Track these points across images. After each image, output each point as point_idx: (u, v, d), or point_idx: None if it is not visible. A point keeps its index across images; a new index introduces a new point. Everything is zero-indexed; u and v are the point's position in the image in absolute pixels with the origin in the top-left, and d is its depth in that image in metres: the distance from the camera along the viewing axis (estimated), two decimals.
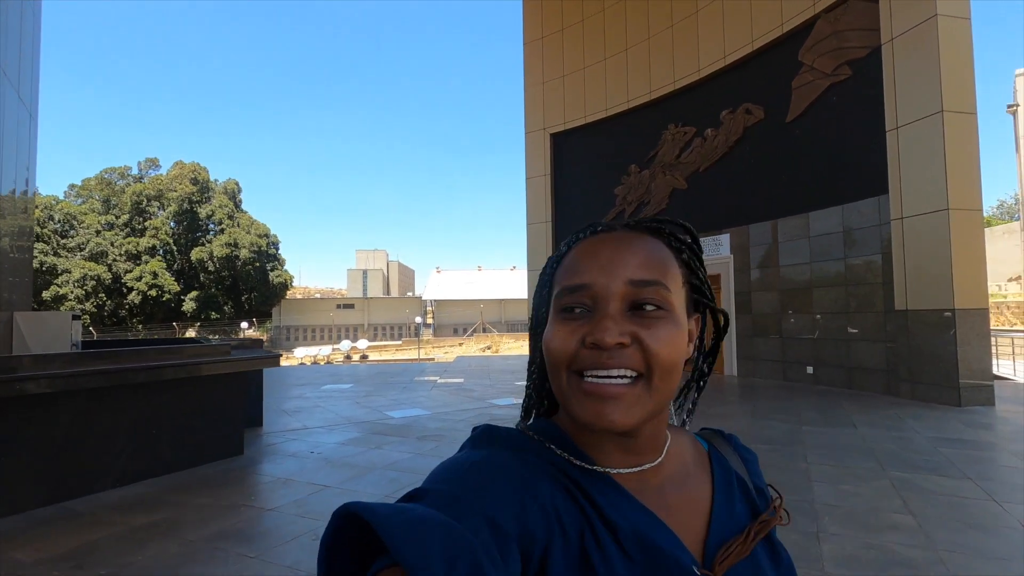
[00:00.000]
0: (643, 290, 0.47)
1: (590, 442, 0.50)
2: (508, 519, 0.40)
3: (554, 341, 0.48)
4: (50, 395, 3.33)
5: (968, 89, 6.82)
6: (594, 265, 0.49)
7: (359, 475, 3.97)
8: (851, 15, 8.09)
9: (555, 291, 0.51)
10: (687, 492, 0.52)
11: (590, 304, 0.48)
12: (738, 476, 0.57)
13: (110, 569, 2.49)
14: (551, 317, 0.51)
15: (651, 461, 0.51)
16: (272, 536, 2.89)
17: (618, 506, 0.47)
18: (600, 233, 0.52)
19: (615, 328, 0.46)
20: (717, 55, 10.33)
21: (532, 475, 0.45)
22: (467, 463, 0.45)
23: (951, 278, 6.58)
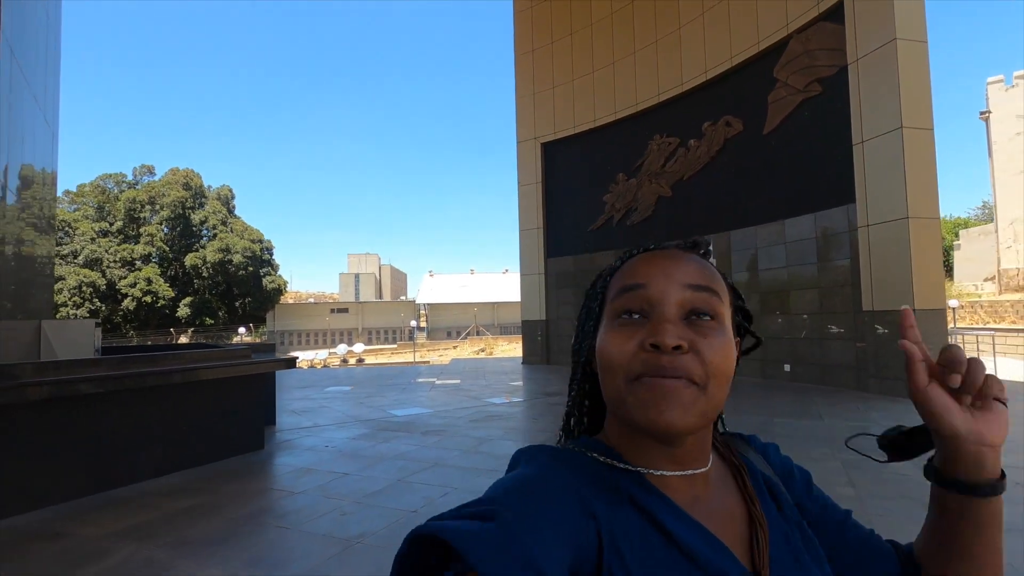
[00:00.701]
0: (699, 295, 0.49)
1: (636, 452, 0.51)
2: (566, 536, 0.41)
3: (611, 345, 0.49)
4: (99, 394, 3.76)
5: (925, 106, 7.40)
6: (652, 268, 0.50)
7: (372, 464, 4.42)
8: (820, 36, 8.66)
9: (610, 296, 0.52)
10: (727, 499, 0.53)
11: (647, 309, 0.49)
12: (764, 476, 0.58)
13: (170, 539, 2.93)
14: (605, 324, 0.52)
15: (699, 467, 0.51)
16: (304, 513, 3.34)
17: (669, 516, 0.47)
18: (654, 250, 0.54)
19: (674, 330, 0.46)
20: (699, 70, 10.89)
21: (587, 489, 0.46)
22: (524, 480, 0.45)
23: (911, 281, 7.14)
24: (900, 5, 7.37)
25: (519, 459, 0.51)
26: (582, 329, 0.56)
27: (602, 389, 0.51)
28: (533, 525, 0.39)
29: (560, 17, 13.94)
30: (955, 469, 0.50)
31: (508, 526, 0.38)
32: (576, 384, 0.58)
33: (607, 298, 0.53)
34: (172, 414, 4.26)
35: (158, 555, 2.74)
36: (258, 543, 2.92)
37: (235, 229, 38.04)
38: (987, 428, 0.47)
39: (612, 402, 0.50)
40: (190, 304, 35.11)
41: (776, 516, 0.54)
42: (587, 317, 0.55)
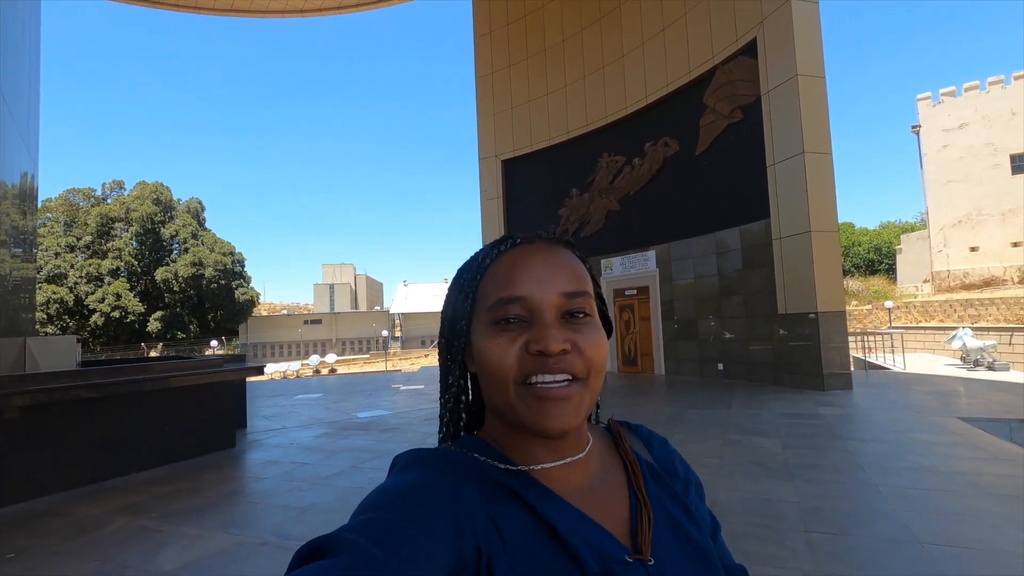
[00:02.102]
0: (574, 300, 0.51)
1: (518, 449, 0.52)
2: (443, 543, 0.41)
3: (494, 351, 0.49)
4: (94, 399, 4.40)
5: (824, 133, 8.44)
6: (529, 277, 0.50)
7: (331, 456, 5.13)
8: (740, 68, 9.69)
9: (487, 302, 0.51)
10: (609, 485, 0.55)
11: (526, 315, 0.50)
12: (646, 461, 0.60)
13: (157, 513, 3.61)
14: (481, 329, 0.51)
15: (575, 454, 0.53)
16: (268, 492, 4.04)
17: (549, 506, 0.48)
18: (521, 245, 0.54)
19: (559, 335, 0.48)
20: (640, 95, 11.88)
21: (464, 497, 0.46)
22: (398, 489, 0.45)
23: (814, 287, 8.14)
24: (800, 45, 8.41)
25: (395, 465, 0.51)
26: (451, 327, 0.56)
27: (484, 392, 0.52)
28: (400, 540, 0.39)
29: (517, 42, 14.84)
30: None
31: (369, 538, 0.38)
32: (453, 383, 0.57)
33: (479, 301, 0.53)
34: (155, 416, 4.90)
35: (148, 523, 3.43)
36: (231, 513, 3.63)
37: (206, 242, 37.99)
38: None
39: (499, 406, 0.51)
40: (161, 318, 34.93)
41: (657, 496, 0.56)
42: (457, 315, 0.55)
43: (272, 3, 17.36)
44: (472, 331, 0.53)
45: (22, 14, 7.25)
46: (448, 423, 0.58)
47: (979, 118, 21.56)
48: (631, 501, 0.54)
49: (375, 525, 0.40)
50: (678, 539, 0.53)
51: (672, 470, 0.62)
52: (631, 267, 12.23)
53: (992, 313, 17.30)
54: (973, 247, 21.48)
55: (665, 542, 0.52)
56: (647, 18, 11.71)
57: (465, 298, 0.54)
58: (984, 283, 20.69)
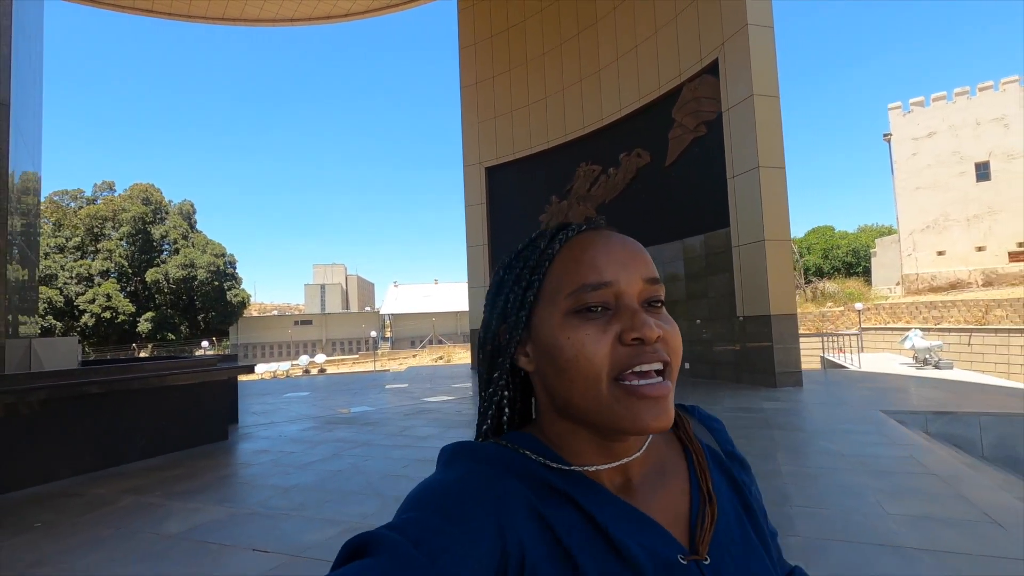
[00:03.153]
0: (655, 287, 0.49)
1: (570, 448, 0.50)
2: (485, 544, 0.41)
3: (584, 343, 0.46)
4: (99, 394, 4.91)
5: (777, 149, 9.09)
6: (612, 262, 0.48)
7: (315, 445, 5.67)
8: (704, 86, 10.33)
9: (563, 290, 0.48)
10: (668, 478, 0.53)
11: (612, 303, 0.47)
12: (708, 448, 0.57)
13: (162, 494, 4.14)
14: (557, 319, 0.48)
15: (632, 454, 0.51)
16: (258, 475, 4.58)
17: (603, 509, 0.46)
18: (587, 231, 0.52)
19: (652, 321, 0.46)
20: (615, 107, 12.50)
21: (509, 494, 0.45)
22: (441, 487, 0.45)
23: (767, 292, 8.78)
24: (756, 67, 9.05)
25: (441, 457, 0.50)
26: (504, 319, 0.52)
27: (561, 391, 0.48)
28: (442, 543, 0.39)
29: (500, 54, 15.42)
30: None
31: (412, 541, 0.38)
32: (500, 377, 0.53)
33: (548, 289, 0.49)
34: (154, 410, 5.41)
35: (153, 500, 3.96)
36: (225, 491, 4.17)
37: (197, 243, 38.24)
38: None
39: (586, 407, 0.47)
40: (151, 319, 35.16)
41: (726, 490, 0.54)
42: (513, 306, 0.51)
43: (263, 12, 17.83)
44: (536, 324, 0.50)
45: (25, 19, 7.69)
46: (491, 419, 0.55)
47: (946, 127, 22.46)
48: (692, 494, 0.52)
49: (416, 526, 0.40)
50: (742, 534, 0.51)
51: (732, 453, 0.60)
52: None
53: (954, 315, 18.12)
54: (940, 251, 22.38)
55: (727, 538, 0.50)
56: (621, 35, 12.33)
57: (528, 286, 0.51)
58: (950, 286, 21.57)
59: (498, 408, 0.55)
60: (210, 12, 17.59)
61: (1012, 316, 16.14)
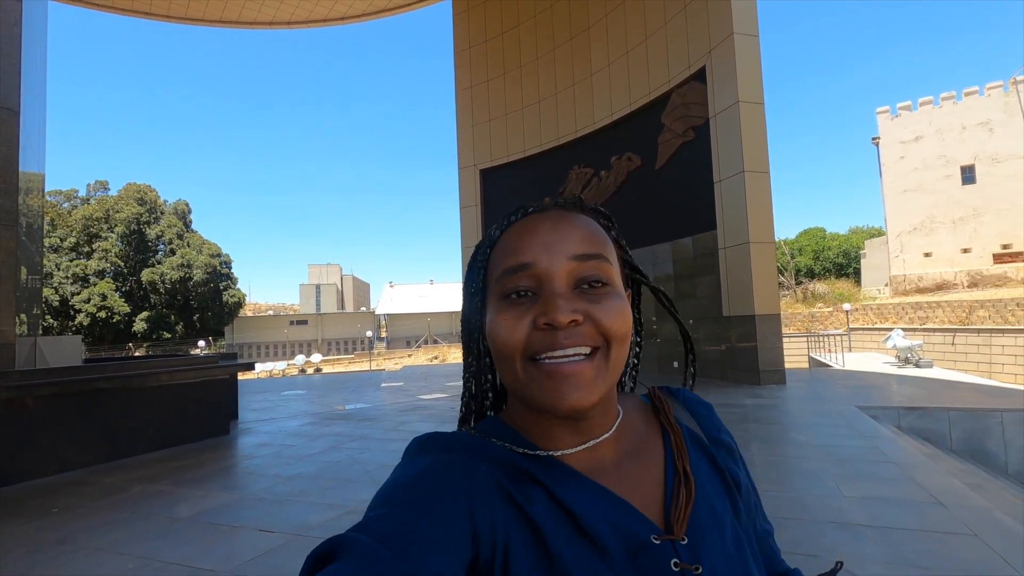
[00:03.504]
0: (586, 264, 0.47)
1: (539, 431, 0.50)
2: (456, 532, 0.40)
3: (501, 327, 0.46)
4: (109, 390, 5.15)
5: (763, 155, 9.39)
6: (535, 243, 0.47)
7: (315, 439, 5.92)
8: (693, 92, 10.62)
9: (495, 275, 0.49)
10: (643, 459, 0.52)
11: (534, 285, 0.47)
12: (689, 430, 0.56)
13: (171, 483, 4.38)
14: (492, 304, 0.49)
15: (601, 435, 0.50)
16: (262, 466, 4.83)
17: (574, 491, 0.46)
18: (532, 214, 0.52)
19: (567, 305, 0.45)
20: (607, 112, 12.79)
21: (479, 478, 0.45)
22: (408, 479, 0.44)
23: (752, 292, 9.08)
24: (742, 75, 9.35)
25: (409, 450, 0.50)
26: (469, 306, 0.54)
27: (497, 369, 0.50)
28: (410, 538, 0.38)
29: (494, 59, 15.69)
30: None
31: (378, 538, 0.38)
32: (472, 363, 0.55)
33: (490, 275, 0.50)
34: (160, 405, 5.65)
35: (163, 488, 4.20)
36: (230, 480, 4.42)
37: (192, 244, 38.31)
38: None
39: (511, 385, 0.48)
40: (146, 319, 35.22)
41: (707, 472, 0.53)
42: (472, 295, 0.53)
43: (260, 15, 18.02)
44: (486, 308, 0.51)
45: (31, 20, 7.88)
46: (467, 405, 0.56)
47: (933, 131, 22.88)
48: (667, 474, 0.51)
49: (383, 522, 0.40)
50: (719, 516, 0.50)
51: (717, 439, 0.59)
52: None
53: (939, 315, 18.50)
54: (927, 253, 22.81)
55: (705, 519, 0.49)
56: (613, 42, 12.62)
57: (476, 273, 0.52)
58: (936, 287, 21.99)
59: (475, 392, 0.56)
60: (208, 14, 17.76)
61: (994, 317, 16.54)
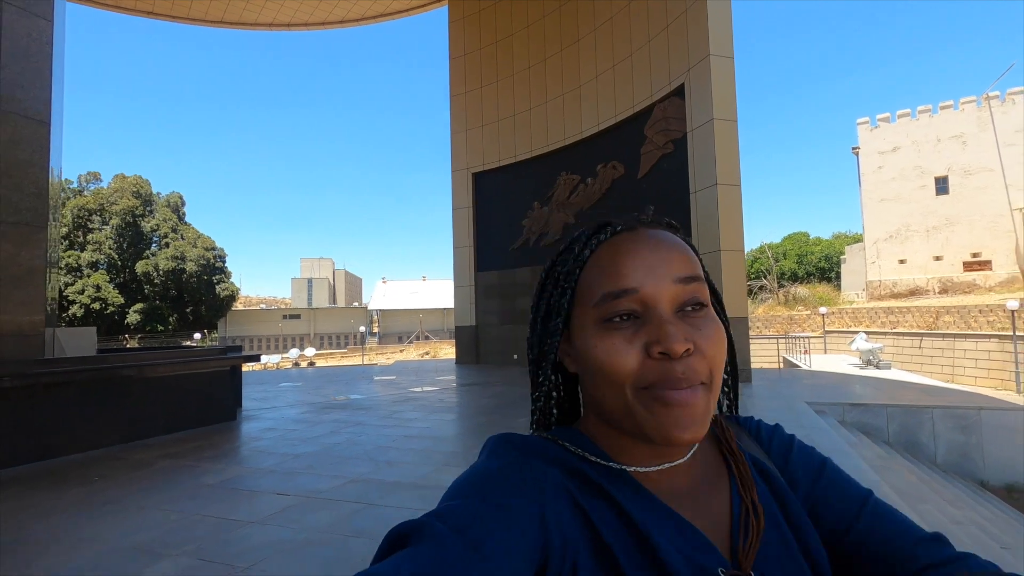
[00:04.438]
0: (689, 287, 0.47)
1: (616, 446, 0.50)
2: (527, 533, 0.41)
3: (611, 354, 0.46)
4: (132, 377, 5.73)
5: (735, 169, 10.07)
6: (639, 266, 0.47)
7: (314, 425, 6.53)
8: (673, 107, 11.29)
9: (592, 298, 0.49)
10: (712, 487, 0.52)
11: (639, 310, 0.46)
12: (755, 459, 0.56)
13: (193, 459, 4.98)
14: (589, 328, 0.49)
15: (678, 458, 0.50)
16: (271, 446, 5.43)
17: (641, 507, 0.46)
18: (622, 232, 0.51)
19: (679, 333, 0.45)
20: (594, 121, 13.44)
21: (551, 487, 0.45)
22: (484, 476, 0.45)
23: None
24: (716, 94, 10.02)
25: (485, 447, 0.51)
26: (544, 325, 0.53)
27: (591, 393, 0.50)
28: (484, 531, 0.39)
29: (488, 66, 16.29)
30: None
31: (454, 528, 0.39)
32: (544, 380, 0.54)
33: (581, 295, 0.50)
34: (174, 392, 6.24)
35: (186, 463, 4.81)
36: (243, 457, 5.03)
37: (187, 237, 38.60)
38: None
39: (612, 411, 0.48)
40: (140, 311, 35.52)
41: (769, 504, 0.51)
42: (551, 313, 0.52)
43: (261, 17, 18.48)
44: (573, 329, 0.51)
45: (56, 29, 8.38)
46: (539, 418, 0.56)
47: (910, 143, 23.77)
48: (733, 504, 0.51)
49: (460, 513, 0.41)
50: (788, 552, 0.48)
51: (787, 458, 0.57)
52: None
53: (908, 320, 19.36)
54: (902, 260, 23.72)
55: (773, 554, 0.48)
56: (600, 55, 13.27)
57: (563, 293, 0.51)
58: (910, 292, 22.90)
59: (544, 409, 0.56)
60: (209, 15, 18.20)
61: (959, 322, 17.40)
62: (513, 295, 15.28)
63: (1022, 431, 6.52)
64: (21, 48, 5.87)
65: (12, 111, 5.70)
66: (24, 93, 5.86)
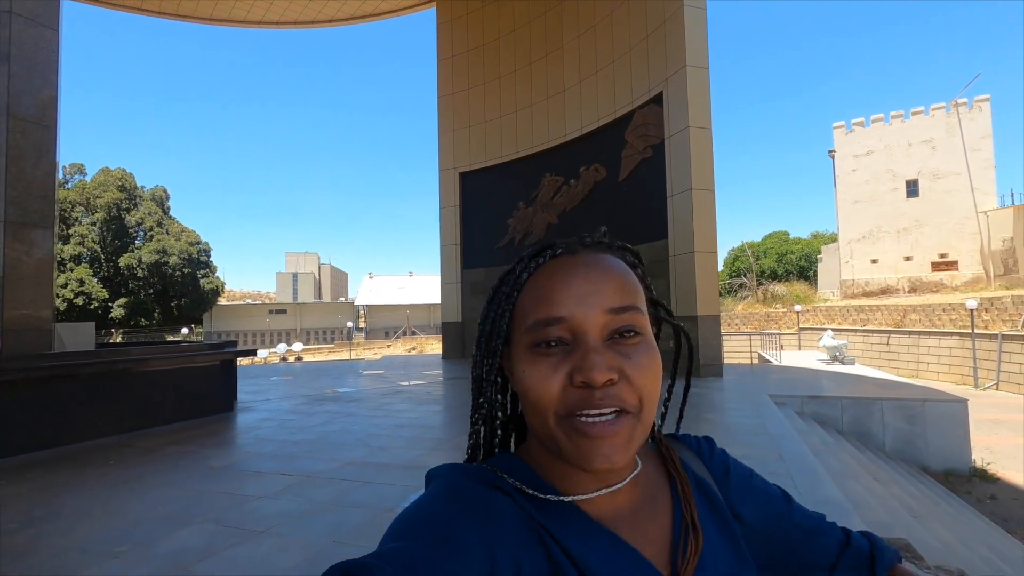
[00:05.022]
0: (620, 316, 0.47)
1: (558, 471, 0.50)
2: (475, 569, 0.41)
3: (534, 379, 0.47)
4: (135, 370, 6.09)
5: (709, 174, 10.61)
6: (569, 295, 0.47)
7: (309, 415, 6.93)
8: (651, 114, 11.80)
9: (525, 323, 0.49)
10: (655, 507, 0.53)
11: (567, 337, 0.47)
12: (697, 477, 0.57)
13: (197, 445, 5.37)
14: (520, 352, 0.49)
15: (619, 481, 0.50)
16: (270, 434, 5.84)
17: (586, 541, 0.46)
18: (562, 256, 0.51)
19: (603, 363, 0.45)
20: (577, 125, 13.91)
21: (498, 505, 0.46)
22: (425, 512, 0.45)
23: (695, 295, 10.32)
24: (692, 102, 10.54)
25: (429, 480, 0.51)
26: (487, 343, 0.53)
27: (527, 417, 0.50)
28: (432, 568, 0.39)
29: (475, 69, 16.66)
30: None
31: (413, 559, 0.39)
32: (485, 401, 0.54)
33: (517, 318, 0.51)
34: (176, 384, 6.60)
35: (192, 448, 5.20)
36: (245, 443, 5.44)
37: (171, 231, 38.42)
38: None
39: (541, 436, 0.49)
40: (124, 305, 35.35)
41: (709, 520, 0.53)
42: (492, 333, 0.53)
43: (250, 15, 18.63)
44: (512, 349, 0.51)
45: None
46: (475, 445, 0.56)
47: (883, 147, 24.64)
48: (675, 523, 0.52)
49: (404, 555, 0.40)
50: (729, 566, 0.51)
51: (725, 472, 0.60)
52: None
53: (877, 318, 20.20)
54: (874, 260, 24.63)
55: (712, 570, 0.50)
56: (583, 61, 13.73)
57: (501, 315, 0.52)
58: (881, 291, 23.81)
59: (486, 430, 0.56)
60: (198, 12, 18.31)
61: (924, 320, 18.22)
62: None
63: (961, 421, 7.15)
64: (29, 57, 6.17)
65: (22, 117, 6.01)
66: (32, 100, 6.17)
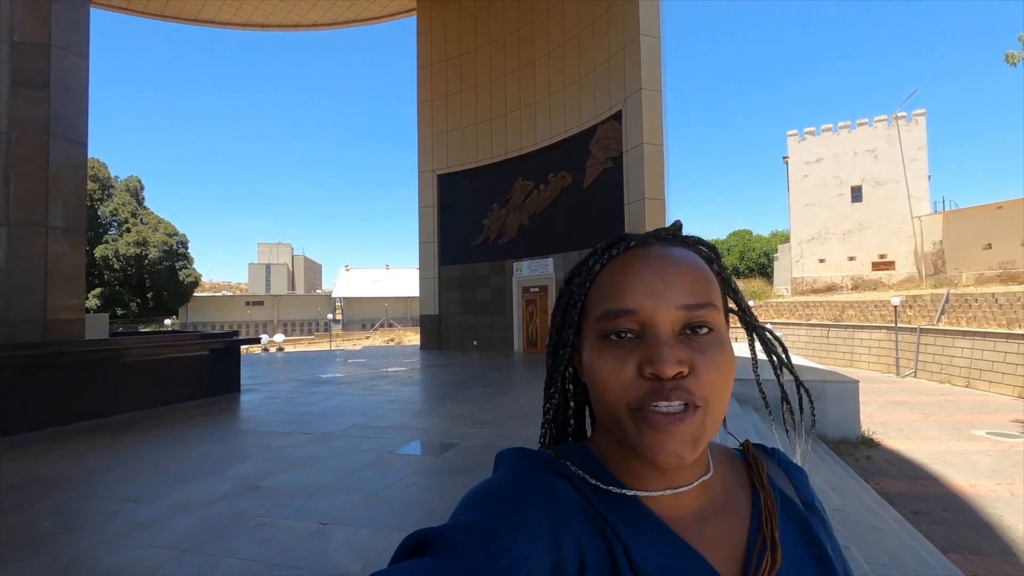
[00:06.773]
0: (692, 312, 0.47)
1: (625, 465, 0.50)
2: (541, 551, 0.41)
3: (603, 370, 0.47)
4: (162, 356, 7.14)
5: (660, 186, 11.98)
6: (640, 288, 0.47)
7: (309, 394, 8.06)
8: (612, 129, 13.11)
9: (594, 313, 0.49)
10: (728, 516, 0.51)
11: (637, 329, 0.47)
12: (783, 494, 0.55)
13: (223, 415, 6.47)
14: (590, 342, 0.49)
15: (688, 483, 0.50)
16: (281, 408, 6.96)
17: (646, 538, 0.46)
18: (634, 248, 0.51)
19: (672, 356, 0.44)
20: (546, 135, 15.16)
21: (562, 493, 0.46)
22: (495, 490, 0.46)
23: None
24: (646, 121, 11.87)
25: (498, 462, 0.52)
26: (559, 335, 0.54)
27: (595, 407, 0.50)
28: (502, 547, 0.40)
29: (453, 77, 17.74)
30: None
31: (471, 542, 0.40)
32: (555, 392, 0.55)
33: (588, 311, 0.51)
34: (193, 367, 7.66)
35: (219, 419, 6.31)
36: (260, 414, 6.57)
37: (147, 222, 38.40)
38: None
39: (609, 425, 0.48)
40: (100, 295, 35.35)
41: (795, 542, 0.51)
42: (563, 323, 0.53)
43: (235, 17, 19.28)
44: (582, 341, 0.51)
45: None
46: (547, 433, 0.56)
47: (831, 155, 26.58)
48: (750, 537, 0.50)
49: (478, 528, 0.41)
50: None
51: (812, 505, 0.57)
52: (535, 270, 15.57)
53: (820, 313, 22.10)
54: (821, 259, 26.61)
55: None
56: (553, 77, 14.97)
57: (572, 306, 0.52)
58: (827, 288, 25.80)
59: (556, 420, 0.56)
60: (184, 13, 18.89)
61: (859, 315, 20.13)
62: (473, 287, 16.94)
63: (853, 399, 8.69)
64: (65, 83, 7.10)
65: (61, 136, 6.96)
66: (68, 120, 7.11)
